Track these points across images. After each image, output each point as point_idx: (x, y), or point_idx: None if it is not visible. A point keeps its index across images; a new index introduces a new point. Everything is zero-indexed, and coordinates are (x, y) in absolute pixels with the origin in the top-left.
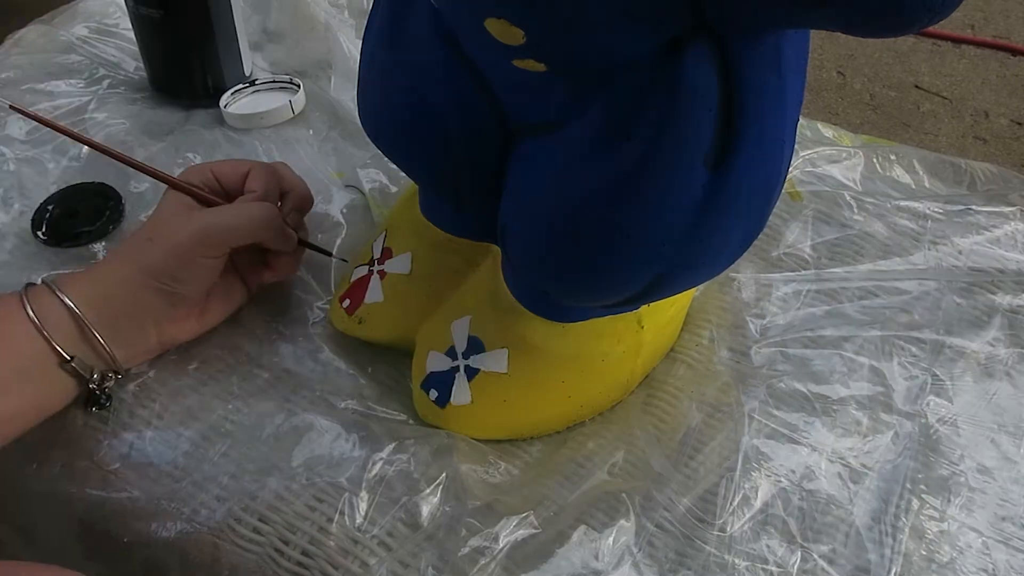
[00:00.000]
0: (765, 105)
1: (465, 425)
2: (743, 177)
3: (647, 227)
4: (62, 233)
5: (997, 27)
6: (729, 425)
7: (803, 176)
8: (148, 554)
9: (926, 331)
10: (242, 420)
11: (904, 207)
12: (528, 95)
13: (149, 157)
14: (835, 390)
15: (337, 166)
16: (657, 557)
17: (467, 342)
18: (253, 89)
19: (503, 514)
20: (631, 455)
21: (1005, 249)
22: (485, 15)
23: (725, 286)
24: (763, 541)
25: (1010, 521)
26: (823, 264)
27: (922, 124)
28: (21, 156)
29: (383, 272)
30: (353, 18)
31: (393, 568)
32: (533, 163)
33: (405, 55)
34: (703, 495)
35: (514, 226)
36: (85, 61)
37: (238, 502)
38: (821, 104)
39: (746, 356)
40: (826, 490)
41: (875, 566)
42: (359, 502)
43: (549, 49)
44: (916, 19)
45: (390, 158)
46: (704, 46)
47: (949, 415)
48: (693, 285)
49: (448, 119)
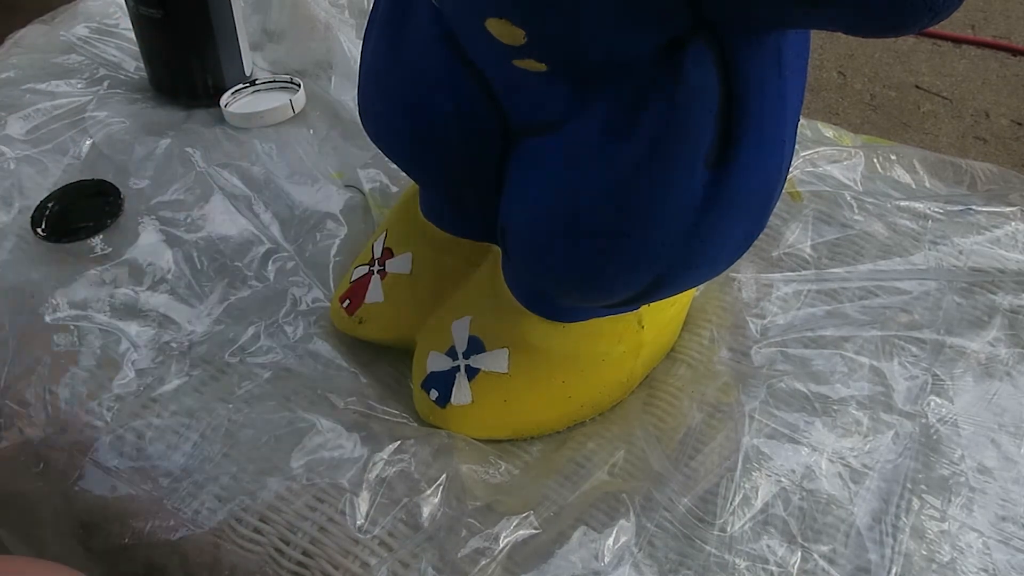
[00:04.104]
0: (766, 105)
1: (465, 425)
2: (743, 177)
3: (647, 227)
4: (61, 229)
5: (997, 27)
6: (729, 425)
7: (803, 176)
8: (148, 554)
9: (926, 331)
10: (242, 420)
11: (904, 207)
12: (528, 95)
13: (149, 155)
14: (835, 390)
15: (337, 166)
16: (657, 557)
17: (467, 342)
18: (253, 89)
19: (503, 514)
20: (631, 455)
21: (1005, 249)
22: (486, 15)
23: (725, 286)
24: (763, 541)
25: (1011, 521)
26: (823, 264)
27: (922, 124)
28: (21, 155)
29: (383, 272)
30: (353, 18)
31: (393, 568)
32: (533, 163)
33: (406, 55)
34: (703, 495)
35: (514, 226)
36: (85, 61)
37: (239, 502)
38: (821, 104)
39: (746, 356)
40: (826, 490)
41: (875, 566)
42: (360, 502)
43: (550, 49)
44: (917, 19)
45: (390, 158)
46: (705, 46)
47: (949, 415)
48: (693, 285)
49: (448, 119)
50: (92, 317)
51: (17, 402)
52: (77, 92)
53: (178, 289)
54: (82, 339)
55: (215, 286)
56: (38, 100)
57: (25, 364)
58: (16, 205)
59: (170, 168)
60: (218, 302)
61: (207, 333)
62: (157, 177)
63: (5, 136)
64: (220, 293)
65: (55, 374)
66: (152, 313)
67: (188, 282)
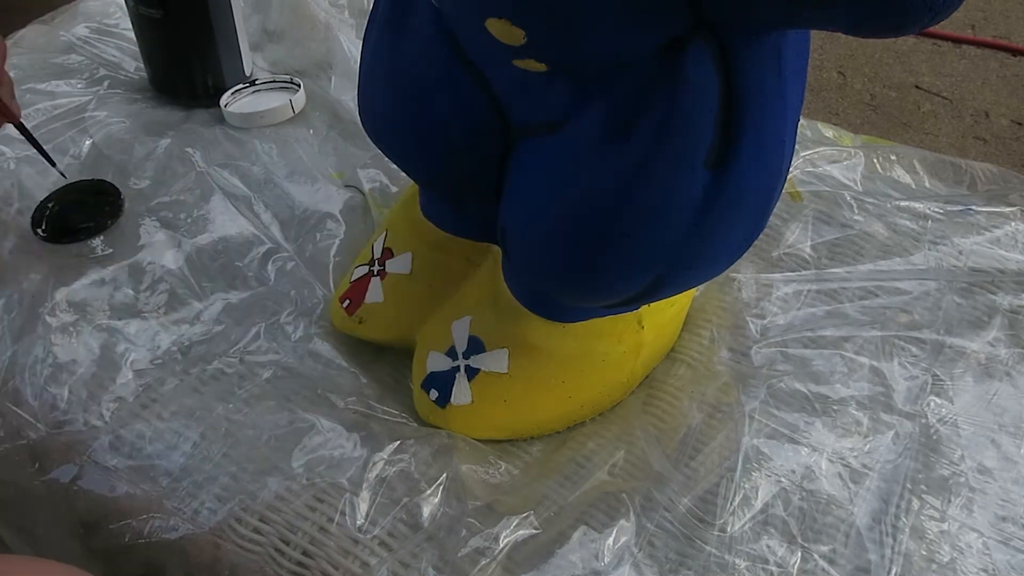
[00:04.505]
0: (766, 105)
1: (465, 425)
2: (743, 177)
3: (647, 227)
4: (61, 229)
5: (997, 27)
6: (729, 425)
7: (803, 176)
8: (148, 554)
9: (926, 331)
10: (242, 420)
11: (904, 207)
12: (528, 95)
13: (149, 155)
14: (835, 390)
15: (337, 166)
16: (657, 557)
17: (467, 342)
18: (253, 89)
19: (503, 514)
20: (631, 455)
21: (1005, 249)
22: (486, 15)
23: (725, 286)
24: (763, 541)
25: (1010, 521)
26: (823, 264)
27: (922, 124)
28: (21, 155)
29: (383, 272)
30: (353, 18)
31: (394, 568)
32: (533, 163)
33: (406, 55)
34: (703, 495)
35: (514, 226)
36: (85, 61)
37: (239, 502)
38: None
39: (746, 356)
40: (826, 490)
41: (875, 566)
42: (360, 502)
43: (550, 49)
44: (917, 19)
45: (390, 158)
46: (705, 46)
47: (949, 415)
48: (693, 285)
49: (449, 119)
50: (92, 317)
51: (17, 402)
52: (77, 92)
53: (178, 289)
54: (82, 339)
55: (215, 286)
56: (38, 100)
57: (25, 364)
58: (16, 205)
59: (170, 168)
60: (218, 302)
61: (207, 333)
62: (157, 177)
63: (5, 136)
64: (220, 293)
65: (55, 374)
66: (152, 313)
67: (188, 282)
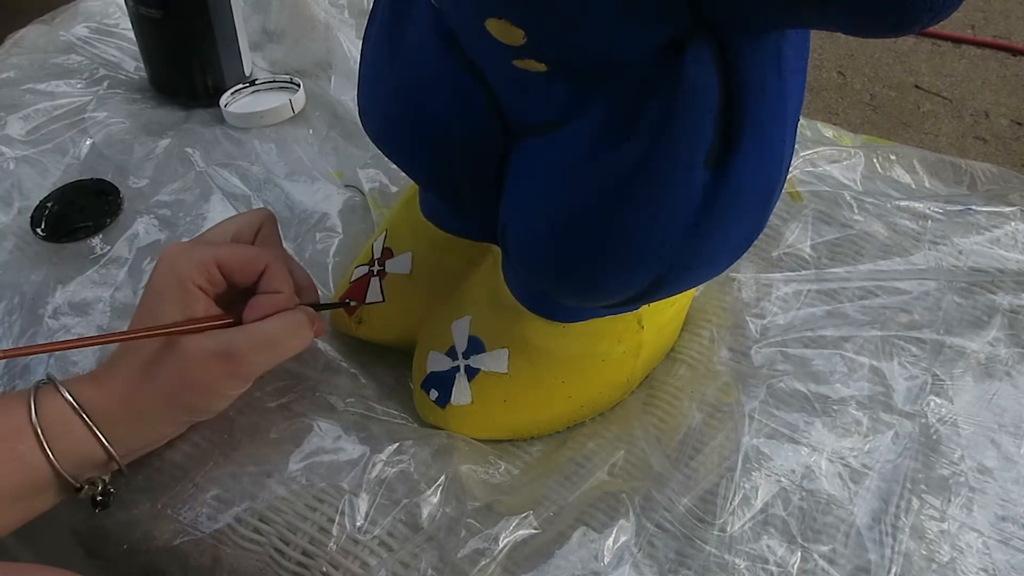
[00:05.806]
0: (765, 105)
1: (465, 425)
2: (743, 177)
3: (647, 227)
4: (61, 229)
5: (997, 27)
6: (729, 425)
7: (803, 176)
8: (148, 557)
9: (926, 331)
10: (242, 421)
11: (904, 207)
12: (528, 95)
13: (149, 154)
14: (835, 390)
15: (337, 166)
16: (657, 557)
17: (467, 342)
18: (253, 89)
19: (503, 514)
20: (631, 455)
21: (1005, 249)
22: (486, 15)
23: (725, 286)
24: (763, 541)
25: (1010, 521)
26: (823, 264)
27: (922, 124)
28: (21, 155)
29: (383, 272)
30: (353, 18)
31: (393, 569)
32: (533, 163)
33: (406, 55)
34: (703, 495)
35: (514, 226)
36: (85, 61)
37: (238, 503)
38: (821, 104)
39: (746, 356)
40: (826, 490)
41: (875, 566)
42: (359, 503)
43: (549, 49)
44: (917, 19)
45: (390, 158)
46: (704, 46)
47: (949, 415)
48: (693, 285)
49: (448, 119)
50: (92, 317)
51: None
52: (77, 92)
53: None
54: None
55: None
56: (38, 100)
57: (24, 365)
58: (16, 205)
59: (170, 168)
60: None
61: None
62: (157, 177)
63: (5, 136)
64: None
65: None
66: None
67: None
